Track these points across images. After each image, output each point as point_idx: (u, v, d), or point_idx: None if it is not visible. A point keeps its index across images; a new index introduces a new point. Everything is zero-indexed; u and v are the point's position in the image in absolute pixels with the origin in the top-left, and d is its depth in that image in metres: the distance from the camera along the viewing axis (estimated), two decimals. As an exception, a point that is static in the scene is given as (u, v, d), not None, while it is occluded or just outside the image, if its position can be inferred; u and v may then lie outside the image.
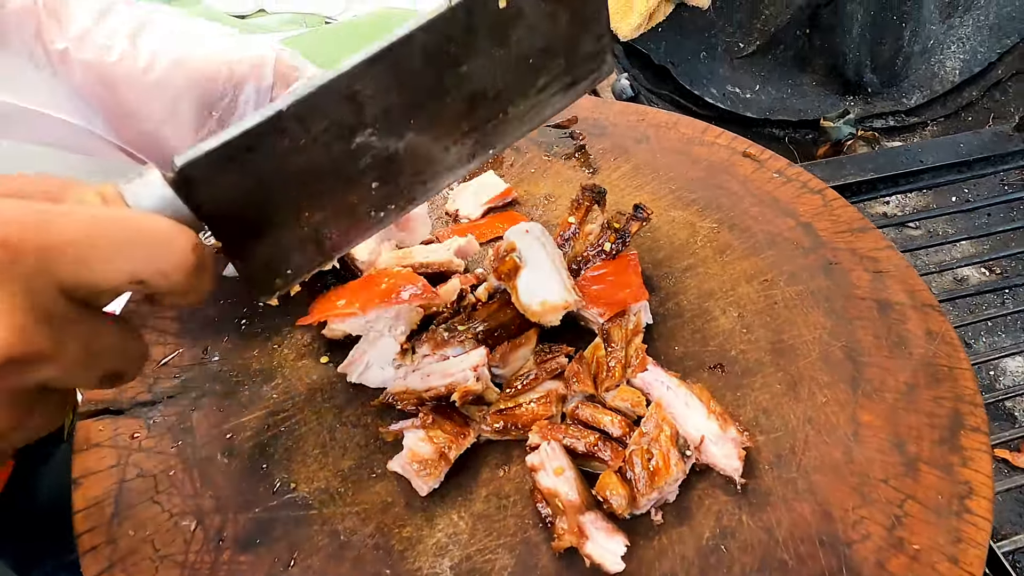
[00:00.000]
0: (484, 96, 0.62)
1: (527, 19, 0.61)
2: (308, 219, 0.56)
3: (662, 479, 0.56)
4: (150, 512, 0.57)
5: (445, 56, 0.57)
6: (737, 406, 0.64)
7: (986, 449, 0.60)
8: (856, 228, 0.79)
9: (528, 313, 0.65)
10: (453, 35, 0.57)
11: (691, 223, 0.81)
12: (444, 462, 0.59)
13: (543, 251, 0.68)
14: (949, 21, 1.85)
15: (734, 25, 1.74)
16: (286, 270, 0.57)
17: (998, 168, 1.41)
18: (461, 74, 0.59)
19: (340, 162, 0.55)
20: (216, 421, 0.64)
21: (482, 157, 0.64)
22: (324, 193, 0.56)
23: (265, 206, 0.53)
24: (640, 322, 0.68)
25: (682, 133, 0.92)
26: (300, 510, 0.58)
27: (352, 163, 0.56)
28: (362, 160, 0.56)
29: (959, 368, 0.66)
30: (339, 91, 0.53)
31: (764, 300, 0.73)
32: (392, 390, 0.64)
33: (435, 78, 0.58)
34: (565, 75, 0.66)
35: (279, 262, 0.57)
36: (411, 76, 0.56)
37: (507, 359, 0.65)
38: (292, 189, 0.54)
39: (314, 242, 0.58)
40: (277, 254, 0.56)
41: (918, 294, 0.72)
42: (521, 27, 0.61)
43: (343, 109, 0.54)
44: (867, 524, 0.56)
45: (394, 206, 0.60)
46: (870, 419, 0.63)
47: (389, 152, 0.58)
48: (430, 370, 0.64)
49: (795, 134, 1.84)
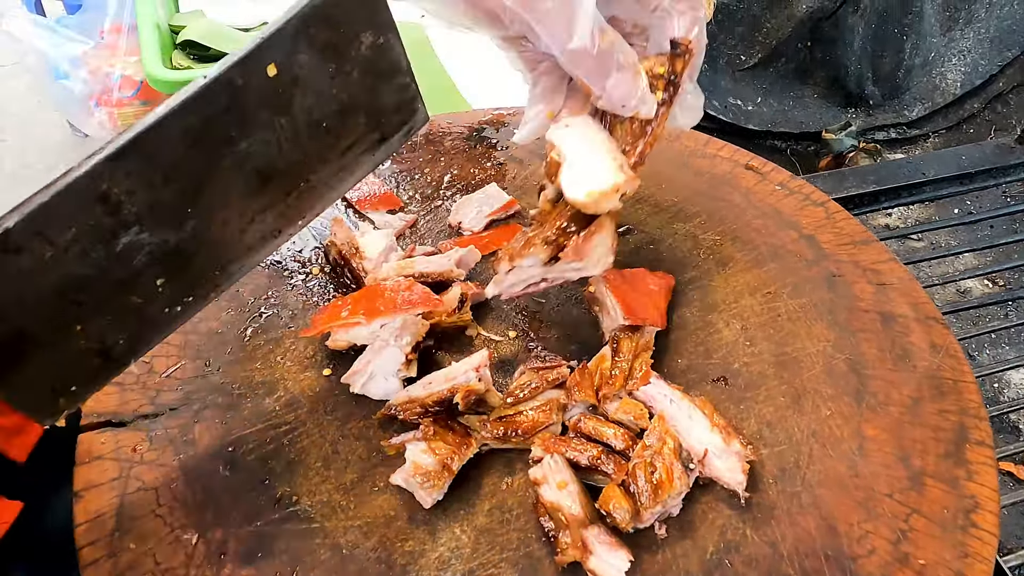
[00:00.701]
0: (275, 170, 0.55)
1: (309, 83, 0.55)
2: (82, 331, 0.49)
3: (665, 492, 0.56)
4: (151, 525, 0.57)
5: (213, 136, 0.51)
6: (740, 419, 0.64)
7: (991, 463, 0.60)
8: (859, 240, 0.79)
9: (580, 207, 0.60)
10: (217, 112, 0.51)
11: (694, 236, 0.81)
12: (447, 473, 0.58)
13: (582, 140, 0.61)
14: (950, 34, 1.86)
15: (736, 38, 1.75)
16: (70, 387, 0.51)
17: (1000, 180, 1.41)
18: (240, 151, 0.53)
19: (105, 268, 0.48)
20: (218, 434, 0.64)
21: (291, 230, 0.58)
22: (93, 304, 0.49)
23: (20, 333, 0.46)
24: (651, 340, 0.67)
25: (684, 146, 0.92)
26: (302, 523, 0.58)
27: (121, 266, 0.49)
28: (134, 260, 0.50)
29: (963, 381, 0.66)
30: (83, 195, 0.46)
31: (767, 313, 0.73)
32: (395, 401, 0.64)
33: (207, 160, 0.51)
34: (371, 132, 0.60)
35: (58, 382, 0.50)
36: (175, 164, 0.50)
37: (583, 250, 0.61)
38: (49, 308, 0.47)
39: (98, 354, 0.51)
40: (53, 376, 0.49)
41: (921, 306, 0.72)
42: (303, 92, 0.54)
43: (94, 212, 0.47)
44: (872, 539, 0.56)
45: (192, 297, 0.55)
46: (875, 432, 0.62)
47: (169, 246, 0.51)
48: (432, 377, 0.65)
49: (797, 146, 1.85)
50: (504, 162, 0.90)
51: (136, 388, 0.66)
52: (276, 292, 0.75)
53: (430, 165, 0.89)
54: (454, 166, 0.89)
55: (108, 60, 2.16)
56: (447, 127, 0.94)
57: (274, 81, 0.52)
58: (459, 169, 0.89)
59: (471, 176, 0.88)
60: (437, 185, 0.87)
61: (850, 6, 1.71)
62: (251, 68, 0.51)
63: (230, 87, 0.51)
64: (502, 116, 0.96)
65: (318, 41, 0.54)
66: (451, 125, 0.95)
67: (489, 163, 0.90)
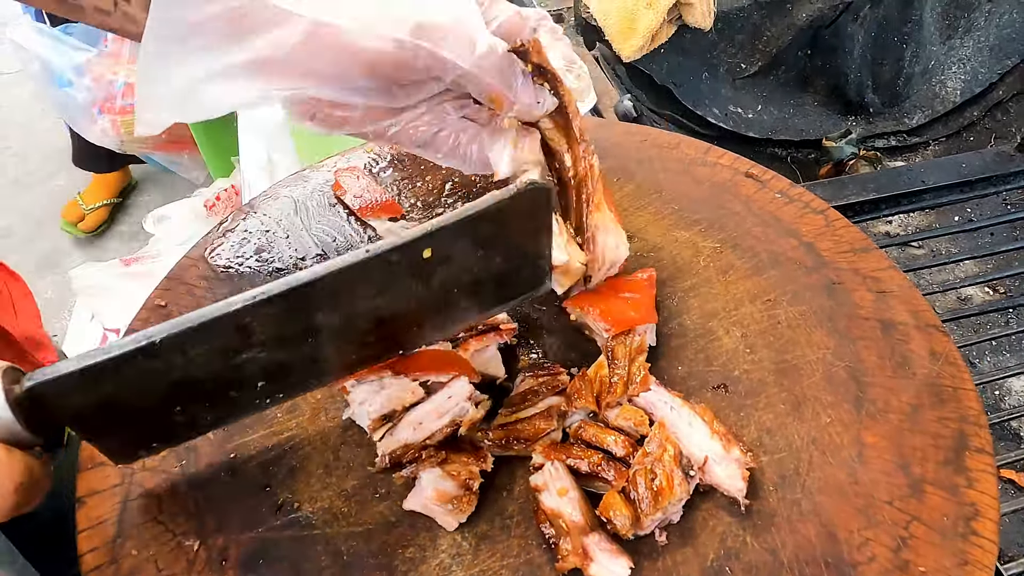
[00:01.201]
0: (395, 320, 0.58)
1: (456, 262, 0.57)
2: (181, 412, 0.54)
3: (666, 499, 0.56)
4: (153, 532, 0.57)
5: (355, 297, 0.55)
6: (741, 426, 0.64)
7: (992, 470, 0.60)
8: (859, 248, 0.79)
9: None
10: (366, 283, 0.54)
11: (694, 243, 0.81)
12: (471, 494, 0.58)
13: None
14: (950, 42, 1.86)
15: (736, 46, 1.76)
16: (151, 444, 0.57)
17: (1000, 188, 1.41)
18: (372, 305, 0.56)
19: (220, 373, 0.53)
20: (219, 440, 0.64)
21: (389, 357, 0.62)
22: (199, 396, 0.54)
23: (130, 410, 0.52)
24: (644, 342, 0.68)
25: (685, 154, 0.92)
26: (303, 530, 0.58)
27: (234, 373, 0.54)
28: (246, 370, 0.54)
29: (963, 388, 0.66)
30: (226, 324, 0.50)
31: (767, 320, 0.73)
32: (387, 450, 0.61)
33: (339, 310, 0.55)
34: (494, 298, 0.63)
35: (145, 441, 0.56)
36: (312, 312, 0.53)
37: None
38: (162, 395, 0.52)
39: (187, 425, 0.56)
40: (143, 437, 0.55)
41: (921, 314, 0.72)
42: (448, 267, 0.57)
43: (229, 337, 0.51)
44: (873, 546, 0.56)
45: (283, 395, 0.59)
46: (874, 440, 0.63)
47: (279, 361, 0.55)
48: (418, 416, 0.62)
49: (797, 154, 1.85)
50: (505, 170, 0.91)
51: (138, 395, 0.66)
52: (278, 299, 0.76)
53: (431, 172, 0.90)
54: (455, 174, 0.90)
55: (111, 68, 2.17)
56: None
57: (426, 261, 0.55)
58: (460, 177, 0.89)
59: (472, 184, 0.89)
60: (439, 193, 0.88)
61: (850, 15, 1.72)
62: (410, 252, 0.54)
63: (385, 265, 0.54)
64: (503, 124, 0.96)
65: (480, 234, 0.57)
66: (452, 133, 0.95)
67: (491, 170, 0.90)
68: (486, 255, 0.59)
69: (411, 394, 0.62)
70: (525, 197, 0.57)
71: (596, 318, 0.67)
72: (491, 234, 0.58)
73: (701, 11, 1.49)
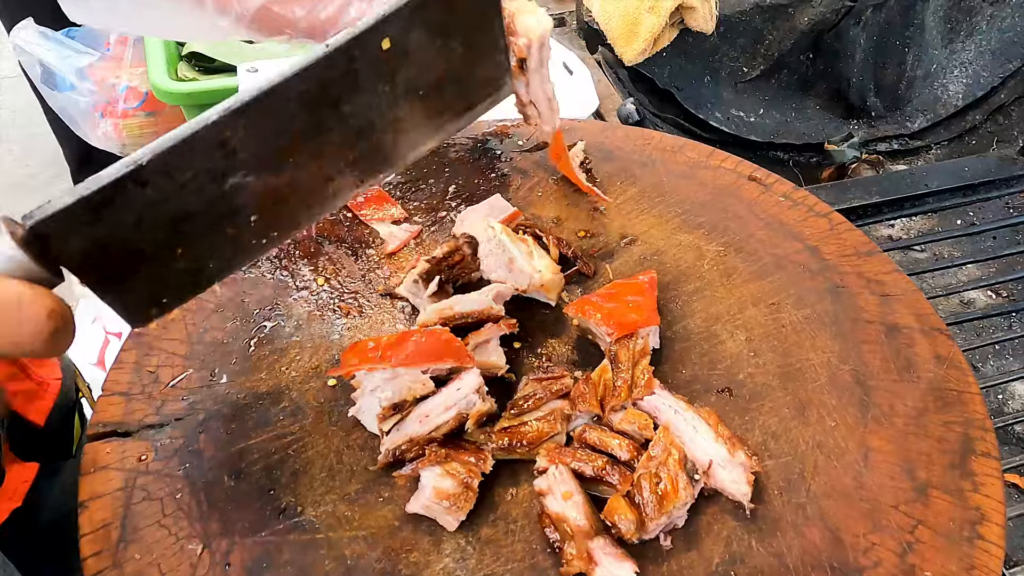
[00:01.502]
0: (370, 129, 0.60)
1: (416, 56, 0.59)
2: (182, 255, 0.55)
3: (671, 503, 0.56)
4: (156, 536, 0.57)
5: (324, 98, 0.56)
6: (745, 430, 0.64)
7: (997, 474, 0.60)
8: (862, 251, 0.79)
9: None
10: (332, 78, 0.56)
11: (698, 246, 0.81)
12: (470, 492, 0.58)
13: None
14: (951, 46, 1.86)
15: (738, 50, 1.75)
16: (162, 300, 0.57)
17: (1003, 192, 1.41)
18: (343, 112, 0.58)
19: (212, 203, 0.55)
20: (223, 444, 0.64)
21: (372, 181, 0.63)
22: (197, 232, 0.55)
23: (132, 250, 0.53)
24: (647, 345, 0.67)
25: (688, 157, 0.92)
26: (307, 534, 0.58)
27: (225, 202, 0.55)
28: (237, 198, 0.56)
29: (968, 392, 0.66)
30: (207, 140, 0.52)
31: (771, 323, 0.73)
32: (392, 446, 0.61)
33: (314, 119, 0.57)
34: (461, 100, 0.65)
35: (154, 295, 0.56)
36: (287, 119, 0.55)
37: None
38: (160, 232, 0.53)
39: (191, 273, 0.57)
40: (151, 288, 0.56)
41: (926, 317, 0.72)
42: (409, 63, 0.59)
43: (212, 156, 0.53)
44: (878, 550, 0.56)
45: (276, 233, 0.60)
46: (880, 444, 0.62)
47: (266, 188, 0.57)
48: (425, 409, 0.62)
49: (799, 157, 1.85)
50: (508, 173, 0.91)
51: (142, 398, 0.66)
52: (281, 302, 0.76)
53: (434, 176, 0.90)
54: (458, 177, 0.90)
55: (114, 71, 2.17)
56: (451, 138, 0.95)
57: (386, 54, 0.57)
58: (463, 180, 0.89)
59: (475, 187, 0.89)
60: (442, 196, 0.88)
61: (852, 18, 1.72)
62: (368, 41, 0.56)
63: (347, 57, 0.55)
64: (506, 128, 0.96)
65: (433, 19, 0.59)
66: (455, 136, 0.95)
67: (493, 174, 0.90)
68: (443, 47, 0.61)
69: (422, 386, 0.62)
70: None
71: (598, 323, 0.67)
72: (444, 20, 0.60)
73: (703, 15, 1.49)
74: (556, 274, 0.72)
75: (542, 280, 0.70)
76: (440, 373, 0.64)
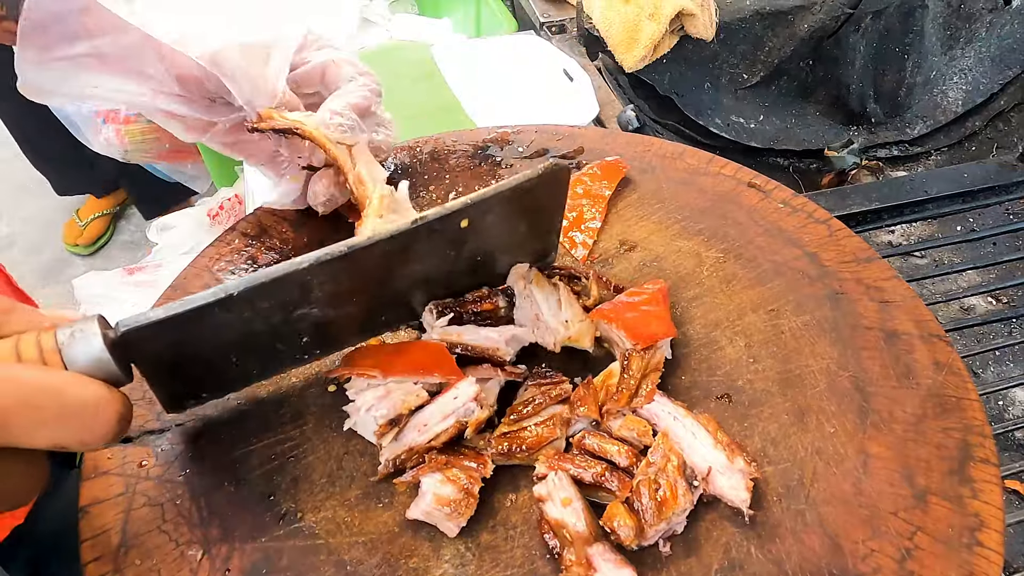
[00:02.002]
0: (425, 281, 0.67)
1: (487, 232, 0.66)
2: (236, 364, 0.61)
3: (670, 510, 0.56)
4: (157, 541, 0.57)
5: (402, 258, 0.62)
6: (744, 436, 0.64)
7: (996, 481, 0.60)
8: (862, 258, 0.79)
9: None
10: (413, 244, 0.62)
11: (697, 253, 0.81)
12: (471, 499, 0.58)
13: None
14: (951, 53, 1.87)
15: (738, 56, 1.76)
16: (202, 394, 0.63)
17: (1003, 198, 1.41)
18: (411, 269, 0.64)
19: (275, 326, 0.60)
20: (223, 449, 0.64)
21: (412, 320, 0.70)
22: (255, 347, 0.61)
23: (197, 358, 0.58)
24: (661, 358, 0.67)
25: (688, 163, 0.92)
26: (307, 540, 0.58)
27: (287, 326, 0.61)
28: (298, 324, 0.61)
29: (967, 398, 0.66)
30: (292, 280, 0.57)
31: (771, 330, 0.73)
32: (391, 456, 0.61)
33: (386, 273, 0.63)
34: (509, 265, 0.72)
35: (198, 391, 0.62)
36: (365, 271, 0.61)
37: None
38: (225, 346, 0.59)
39: (236, 376, 0.64)
40: (198, 386, 0.62)
41: (925, 324, 0.72)
42: (479, 237, 0.66)
43: (291, 292, 0.58)
44: (877, 557, 0.56)
45: (319, 351, 0.66)
46: (879, 450, 0.63)
47: (324, 318, 0.62)
48: (423, 419, 0.62)
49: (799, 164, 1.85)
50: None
51: (143, 404, 0.66)
52: (282, 308, 0.76)
53: (435, 183, 0.90)
54: (459, 183, 0.90)
55: (116, 78, 2.17)
56: (452, 145, 0.95)
57: (463, 230, 0.64)
58: (464, 186, 0.90)
59: (476, 193, 0.89)
60: (442, 203, 0.88)
61: (852, 25, 1.72)
62: (451, 220, 0.62)
63: (429, 232, 0.62)
64: (506, 134, 0.96)
65: (512, 207, 0.66)
66: (456, 143, 0.95)
67: (494, 180, 0.91)
68: (512, 226, 0.67)
69: (415, 397, 0.62)
70: (551, 174, 0.65)
71: (620, 330, 0.67)
72: (519, 208, 0.66)
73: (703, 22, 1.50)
74: (583, 321, 0.69)
75: (568, 335, 0.69)
76: (431, 387, 0.64)
